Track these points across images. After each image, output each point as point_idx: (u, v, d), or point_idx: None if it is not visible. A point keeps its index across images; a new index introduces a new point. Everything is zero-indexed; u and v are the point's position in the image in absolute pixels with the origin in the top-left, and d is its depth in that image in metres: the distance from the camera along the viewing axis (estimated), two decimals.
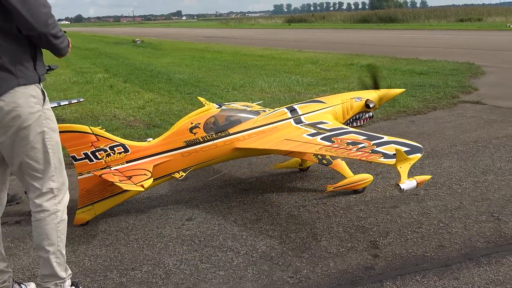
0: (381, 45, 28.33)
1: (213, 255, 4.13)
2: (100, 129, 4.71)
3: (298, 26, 77.23)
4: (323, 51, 24.54)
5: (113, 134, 4.87)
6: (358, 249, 4.12)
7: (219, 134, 5.18)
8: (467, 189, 5.40)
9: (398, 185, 3.97)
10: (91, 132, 4.60)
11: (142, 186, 4.49)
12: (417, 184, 4.05)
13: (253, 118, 5.45)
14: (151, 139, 5.35)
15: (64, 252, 3.38)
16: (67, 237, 3.45)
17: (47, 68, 5.05)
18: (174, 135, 5.06)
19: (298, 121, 5.57)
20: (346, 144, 4.70)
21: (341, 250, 4.12)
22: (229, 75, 16.08)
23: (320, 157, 5.41)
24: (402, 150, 4.12)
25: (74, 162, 4.59)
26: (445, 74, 14.38)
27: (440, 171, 6.01)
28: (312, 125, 5.45)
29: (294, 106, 5.78)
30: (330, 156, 5.26)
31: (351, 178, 5.36)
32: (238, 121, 5.34)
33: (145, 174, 4.69)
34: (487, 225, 4.48)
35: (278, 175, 6.09)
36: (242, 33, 56.39)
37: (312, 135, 5.13)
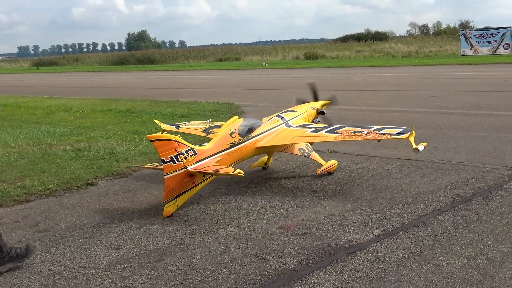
0: (141, 88, 28.92)
1: None
2: (179, 137, 6.33)
3: (48, 69, 74.86)
4: (77, 97, 24.12)
5: None
6: None
7: (246, 137, 7.25)
8: (231, 232, 5.71)
9: (417, 149, 6.35)
10: (174, 139, 6.15)
11: (240, 172, 6.19)
12: (424, 147, 6.43)
13: (261, 124, 7.66)
14: (206, 143, 7.04)
15: None
16: None
17: None
18: (221, 139, 6.94)
19: (288, 125, 7.88)
20: (353, 133, 6.99)
21: None
22: None
23: (302, 151, 7.64)
24: (397, 131, 6.73)
25: (163, 164, 6.08)
26: (206, 115, 15.19)
27: (205, 216, 6.27)
28: (303, 126, 7.80)
29: (281, 114, 8.18)
30: (308, 150, 7.67)
31: (326, 164, 7.79)
32: (254, 128, 7.47)
33: (225, 167, 6.52)
34: (252, 266, 4.79)
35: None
36: None
37: (315, 131, 7.44)
